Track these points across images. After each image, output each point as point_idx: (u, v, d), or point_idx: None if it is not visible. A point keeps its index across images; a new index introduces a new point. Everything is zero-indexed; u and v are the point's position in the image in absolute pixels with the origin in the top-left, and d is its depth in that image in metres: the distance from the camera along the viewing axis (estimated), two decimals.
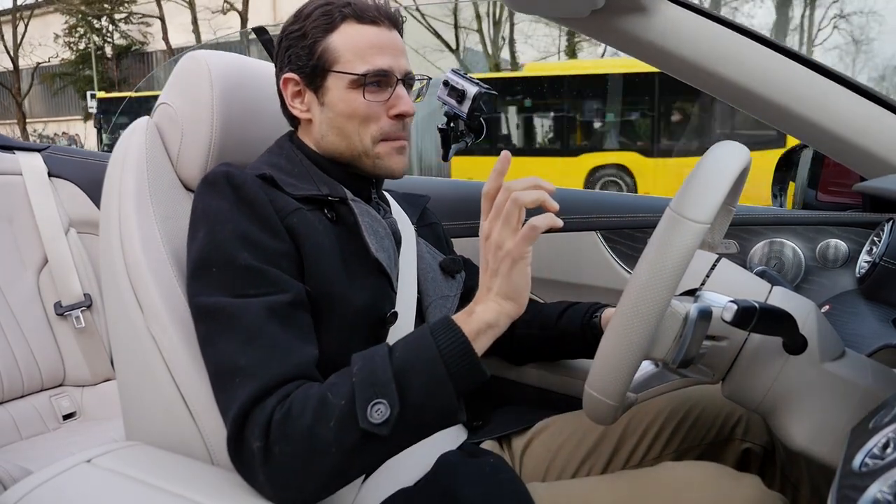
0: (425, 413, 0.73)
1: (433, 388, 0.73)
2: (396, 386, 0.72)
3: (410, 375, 0.73)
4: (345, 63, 0.93)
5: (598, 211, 1.48)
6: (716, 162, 0.69)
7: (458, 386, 0.74)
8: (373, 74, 0.93)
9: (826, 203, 1.70)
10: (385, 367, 0.73)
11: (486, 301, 0.78)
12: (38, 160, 1.84)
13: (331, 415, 0.72)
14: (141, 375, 0.90)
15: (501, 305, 0.78)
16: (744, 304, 0.69)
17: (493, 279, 0.78)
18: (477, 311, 0.78)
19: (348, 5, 0.94)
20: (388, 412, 0.71)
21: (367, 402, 0.71)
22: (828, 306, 1.21)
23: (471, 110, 1.27)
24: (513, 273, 0.76)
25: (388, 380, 0.72)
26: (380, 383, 0.72)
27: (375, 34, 0.94)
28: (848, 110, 0.86)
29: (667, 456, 1.06)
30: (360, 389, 0.72)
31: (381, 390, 0.72)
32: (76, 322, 1.72)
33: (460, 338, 0.75)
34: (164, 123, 1.04)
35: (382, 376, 0.73)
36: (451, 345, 0.75)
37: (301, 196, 0.92)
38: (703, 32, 0.89)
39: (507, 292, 0.77)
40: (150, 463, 0.83)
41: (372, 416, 0.71)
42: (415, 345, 0.76)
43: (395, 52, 0.96)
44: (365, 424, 0.70)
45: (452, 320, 0.77)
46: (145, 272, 0.90)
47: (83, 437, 1.58)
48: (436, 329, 0.77)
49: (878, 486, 0.45)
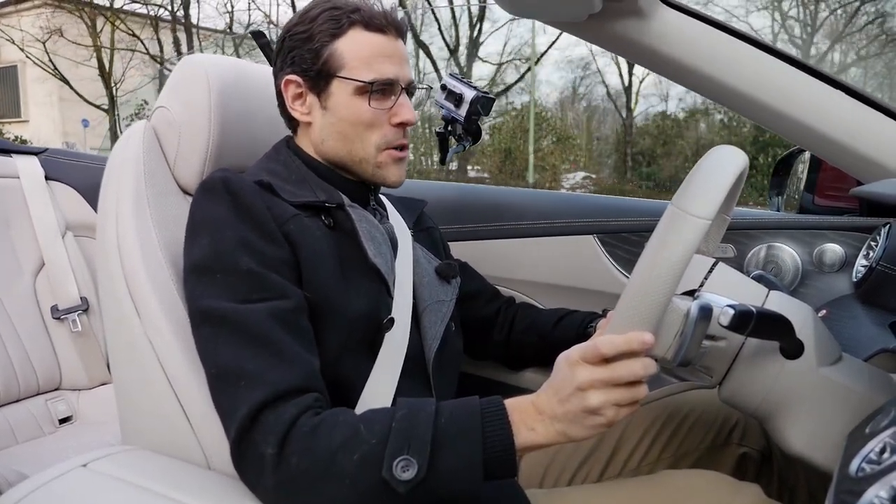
0: (443, 490, 0.71)
1: (463, 473, 0.71)
2: (431, 451, 0.70)
3: (448, 450, 0.71)
4: (351, 69, 0.93)
5: (595, 215, 1.48)
6: (717, 161, 0.70)
7: (486, 476, 0.71)
8: (379, 83, 0.93)
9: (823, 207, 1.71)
10: (427, 429, 0.71)
11: (549, 426, 0.73)
12: (35, 163, 1.83)
13: (357, 448, 0.71)
14: (137, 379, 0.89)
15: (561, 438, 0.73)
16: (741, 309, 0.69)
17: (565, 418, 0.72)
18: (538, 430, 0.73)
19: (357, 11, 0.94)
20: (414, 473, 0.68)
21: (396, 453, 0.69)
22: (825, 311, 1.21)
23: (468, 114, 1.27)
24: (587, 427, 0.71)
25: (425, 442, 0.70)
26: (416, 441, 0.70)
27: (382, 42, 0.95)
28: (845, 114, 0.86)
29: (664, 461, 1.06)
30: (395, 438, 0.71)
31: (415, 448, 0.70)
32: (73, 326, 1.71)
33: (507, 439, 0.72)
34: (162, 127, 1.04)
35: (422, 435, 0.71)
36: (497, 441, 0.72)
37: (298, 203, 0.91)
38: (701, 37, 0.89)
39: (571, 435, 0.72)
40: (147, 467, 0.83)
41: (396, 469, 0.69)
42: (462, 420, 0.73)
43: (399, 60, 0.96)
44: (386, 474, 0.68)
45: (507, 417, 0.73)
46: (142, 276, 0.89)
47: (79, 441, 1.57)
48: (487, 415, 0.73)
49: (874, 491, 0.45)
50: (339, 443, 0.71)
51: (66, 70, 16.92)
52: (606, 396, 0.69)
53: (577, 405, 0.70)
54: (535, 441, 0.73)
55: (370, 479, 0.70)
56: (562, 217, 1.49)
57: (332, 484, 0.70)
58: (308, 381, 0.78)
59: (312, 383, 0.78)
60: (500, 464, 0.72)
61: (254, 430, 0.73)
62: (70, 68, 16.88)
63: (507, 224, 1.53)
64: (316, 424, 0.73)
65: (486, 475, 0.71)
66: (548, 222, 1.49)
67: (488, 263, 1.45)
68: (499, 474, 0.72)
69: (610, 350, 0.68)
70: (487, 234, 1.54)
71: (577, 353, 0.71)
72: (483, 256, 1.48)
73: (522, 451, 0.73)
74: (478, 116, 1.28)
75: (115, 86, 17.73)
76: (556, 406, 0.72)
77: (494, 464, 0.71)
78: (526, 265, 1.51)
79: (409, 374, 0.94)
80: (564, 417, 0.71)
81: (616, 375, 0.69)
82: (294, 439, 0.72)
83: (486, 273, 1.30)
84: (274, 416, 0.73)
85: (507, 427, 0.72)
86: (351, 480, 0.70)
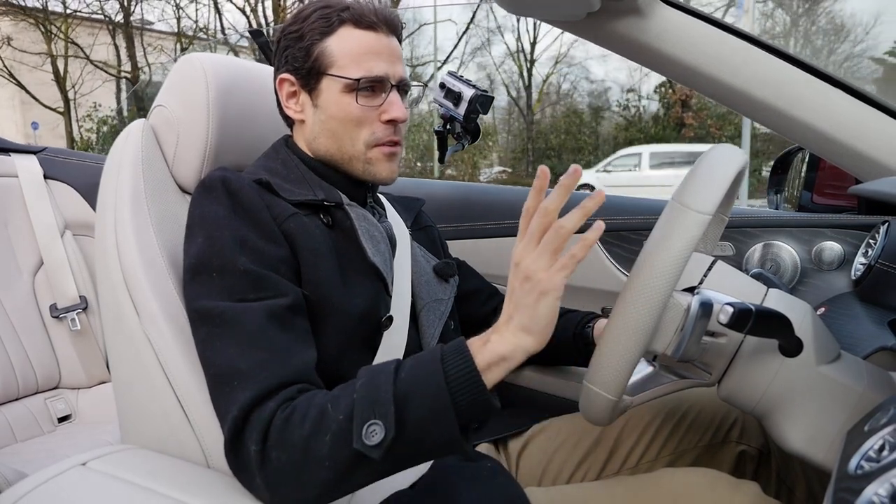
0: (423, 441, 0.70)
1: (434, 417, 0.69)
2: (395, 409, 0.68)
3: (412, 400, 0.69)
4: (340, 67, 0.93)
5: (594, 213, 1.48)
6: (717, 158, 0.70)
7: (461, 417, 0.69)
8: (367, 80, 0.93)
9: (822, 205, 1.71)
10: (387, 388, 0.69)
11: (503, 331, 0.71)
12: (33, 162, 1.83)
13: (328, 428, 0.70)
14: (136, 378, 0.89)
15: (519, 339, 0.70)
16: (740, 307, 0.69)
17: (515, 309, 0.70)
18: (492, 340, 0.71)
19: (347, 9, 0.94)
20: (383, 436, 0.67)
21: (363, 422, 0.68)
22: (823, 309, 1.21)
23: (467, 112, 1.27)
24: (539, 306, 0.69)
25: (387, 401, 0.68)
26: (379, 403, 0.69)
27: (372, 39, 0.94)
28: (843, 113, 0.86)
29: (663, 459, 1.06)
30: (360, 407, 0.69)
31: (379, 411, 0.68)
32: (72, 324, 1.71)
33: (470, 367, 0.69)
34: (160, 126, 1.04)
35: (383, 397, 0.69)
36: (460, 374, 0.69)
37: (297, 201, 0.92)
38: (699, 35, 0.89)
39: (529, 326, 0.70)
40: (146, 466, 0.82)
41: (367, 436, 0.67)
42: (422, 368, 0.71)
43: (390, 58, 0.96)
44: (358, 445, 0.68)
45: (465, 347, 0.71)
46: (141, 275, 0.89)
47: (78, 439, 1.57)
48: (447, 354, 0.71)
49: (873, 489, 0.45)
50: (310, 428, 0.71)
51: (25, 74, 17.36)
52: (535, 261, 0.69)
53: (515, 284, 0.70)
54: (495, 352, 0.70)
55: (345, 455, 0.69)
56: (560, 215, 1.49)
57: (312, 469, 0.70)
58: (298, 375, 0.77)
59: (304, 376, 0.78)
60: (470, 398, 0.69)
61: (244, 429, 0.73)
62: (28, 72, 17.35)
63: (505, 222, 1.53)
64: (288, 415, 0.72)
65: (459, 415, 0.69)
66: None
67: (487, 262, 1.45)
68: (475, 411, 0.70)
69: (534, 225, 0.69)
70: (486, 233, 1.54)
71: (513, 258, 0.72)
72: (481, 255, 1.48)
73: (487, 372, 0.70)
74: (476, 115, 1.28)
75: (73, 89, 18.26)
76: (507, 307, 0.71)
77: (464, 399, 0.69)
78: None
79: None
80: (515, 311, 0.70)
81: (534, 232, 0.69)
82: (272, 434, 0.72)
83: (485, 271, 1.30)
84: (258, 414, 0.73)
85: (467, 359, 0.70)
86: (329, 462, 0.70)
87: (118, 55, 18.51)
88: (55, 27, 17.85)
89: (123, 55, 18.60)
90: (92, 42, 17.89)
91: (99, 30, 18.19)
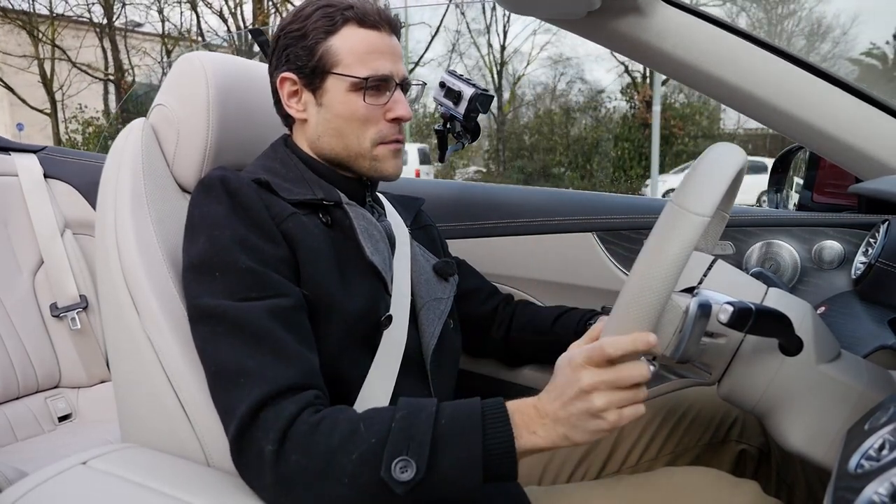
0: (446, 488, 0.70)
1: (463, 471, 0.70)
2: (430, 453, 0.69)
3: (447, 449, 0.70)
4: (346, 66, 0.93)
5: (594, 212, 1.48)
6: (716, 158, 0.70)
7: (486, 478, 0.71)
8: (374, 79, 0.93)
9: (822, 204, 1.71)
10: (427, 429, 0.70)
11: (551, 432, 0.71)
12: (33, 161, 1.83)
13: (356, 447, 0.70)
14: (137, 377, 0.89)
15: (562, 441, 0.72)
16: (740, 306, 0.69)
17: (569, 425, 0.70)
18: (539, 434, 0.72)
19: (350, 8, 0.94)
20: (413, 474, 0.68)
21: (395, 454, 0.69)
22: (824, 308, 1.21)
23: (467, 111, 1.27)
24: (590, 431, 0.70)
25: (424, 443, 0.69)
26: (416, 442, 0.70)
27: (376, 39, 0.95)
28: (844, 112, 0.86)
29: (663, 458, 1.06)
30: (395, 438, 0.70)
31: (414, 449, 0.69)
32: (72, 323, 1.71)
33: (508, 442, 0.71)
34: (161, 125, 1.04)
35: (421, 436, 0.70)
36: (498, 443, 0.71)
37: (296, 200, 0.92)
38: (699, 34, 0.89)
39: (576, 439, 0.71)
40: (146, 465, 0.83)
41: (395, 469, 0.68)
42: (463, 421, 0.72)
43: (394, 57, 0.96)
44: (385, 474, 0.68)
45: (509, 420, 0.72)
46: (141, 274, 0.89)
47: (79, 438, 1.57)
48: (488, 417, 0.72)
49: (873, 488, 0.45)
50: (338, 441, 0.71)
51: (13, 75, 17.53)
52: (610, 398, 0.68)
53: (580, 408, 0.69)
54: (536, 444, 0.72)
55: (368, 478, 0.69)
56: (560, 214, 1.49)
57: (330, 482, 0.70)
58: (307, 378, 0.78)
59: (312, 380, 0.79)
60: (499, 466, 0.71)
61: (254, 427, 0.73)
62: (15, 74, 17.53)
63: (505, 221, 1.53)
64: (316, 422, 0.73)
65: (485, 477, 0.71)
66: (546, 219, 1.49)
67: (486, 261, 1.45)
68: (498, 476, 0.72)
69: (615, 351, 0.67)
70: (485, 232, 1.54)
71: (582, 355, 0.70)
72: (481, 254, 1.48)
73: (523, 455, 0.72)
74: (476, 114, 1.28)
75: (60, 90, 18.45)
76: (559, 409, 0.71)
77: (494, 466, 0.71)
78: (524, 262, 1.51)
79: (408, 372, 0.94)
80: (567, 421, 0.70)
81: (621, 377, 0.68)
82: (294, 436, 0.72)
83: (485, 270, 1.30)
84: (274, 413, 0.73)
85: (508, 429, 0.71)
86: (349, 479, 0.70)
87: (105, 58, 18.70)
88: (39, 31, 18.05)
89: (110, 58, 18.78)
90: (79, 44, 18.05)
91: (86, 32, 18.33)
